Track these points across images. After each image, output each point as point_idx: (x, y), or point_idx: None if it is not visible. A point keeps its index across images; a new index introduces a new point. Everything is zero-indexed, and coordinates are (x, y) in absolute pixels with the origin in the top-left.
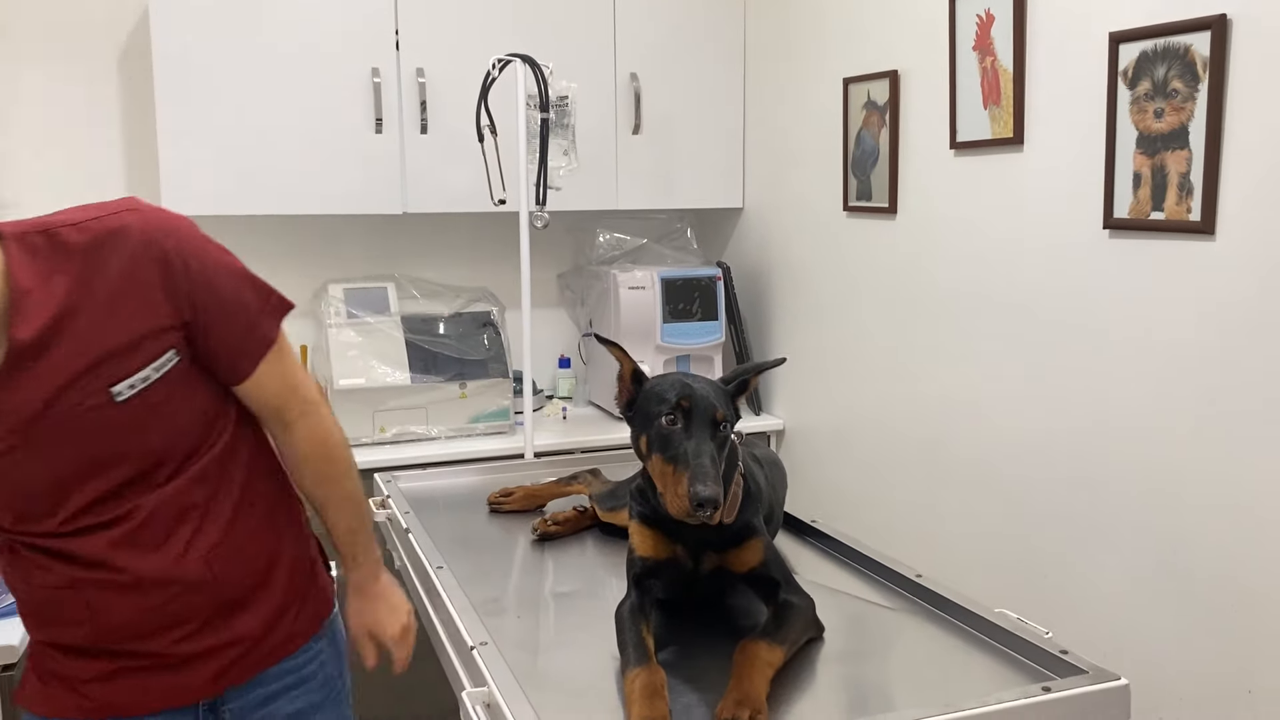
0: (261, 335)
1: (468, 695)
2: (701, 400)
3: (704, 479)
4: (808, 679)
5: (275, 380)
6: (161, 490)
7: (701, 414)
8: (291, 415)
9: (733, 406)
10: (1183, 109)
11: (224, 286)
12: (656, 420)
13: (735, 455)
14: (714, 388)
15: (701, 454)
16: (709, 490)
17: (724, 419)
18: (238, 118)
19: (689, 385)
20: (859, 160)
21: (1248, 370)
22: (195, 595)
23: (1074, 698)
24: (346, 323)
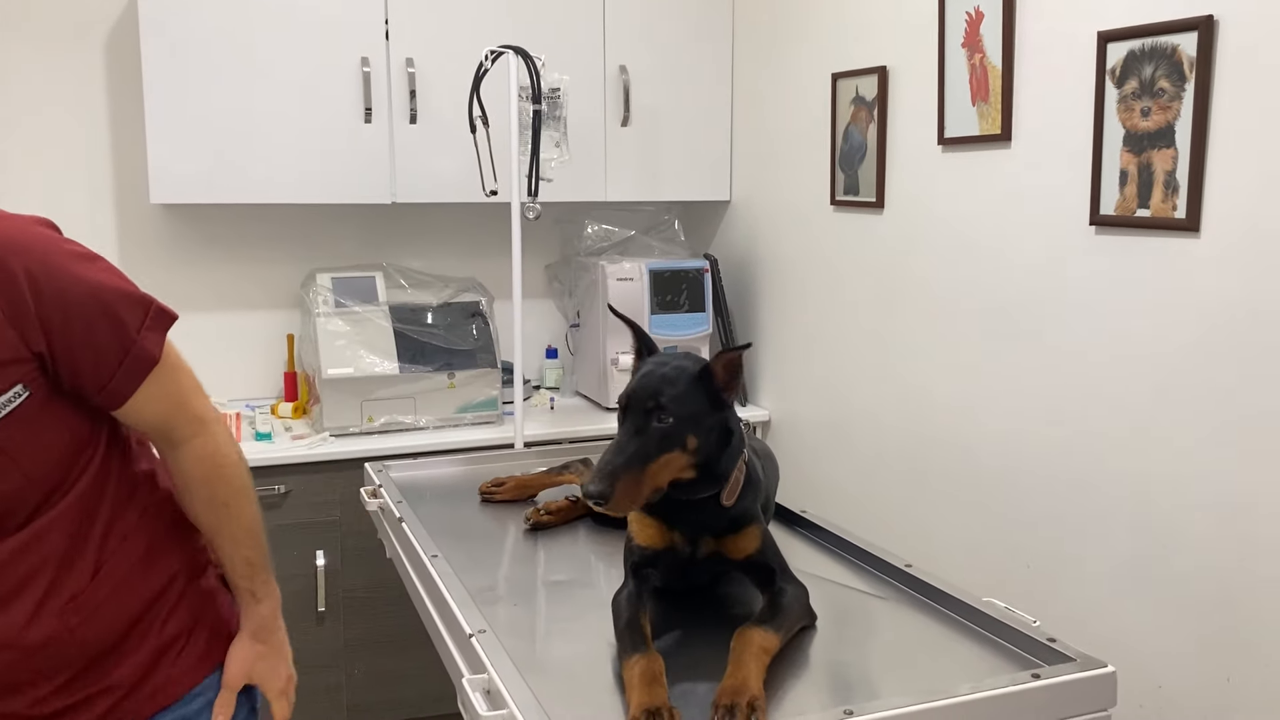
0: (141, 354)
1: (467, 681)
2: (639, 394)
3: (596, 475)
4: (802, 666)
5: (160, 401)
6: (9, 541)
7: (635, 407)
8: (180, 435)
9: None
10: (1169, 108)
11: (87, 306)
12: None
13: (740, 442)
14: (671, 377)
15: (612, 449)
16: (594, 487)
17: (657, 407)
18: (226, 106)
19: (645, 376)
20: (846, 155)
21: (1231, 367)
22: (49, 656)
23: (1062, 685)
24: (334, 312)
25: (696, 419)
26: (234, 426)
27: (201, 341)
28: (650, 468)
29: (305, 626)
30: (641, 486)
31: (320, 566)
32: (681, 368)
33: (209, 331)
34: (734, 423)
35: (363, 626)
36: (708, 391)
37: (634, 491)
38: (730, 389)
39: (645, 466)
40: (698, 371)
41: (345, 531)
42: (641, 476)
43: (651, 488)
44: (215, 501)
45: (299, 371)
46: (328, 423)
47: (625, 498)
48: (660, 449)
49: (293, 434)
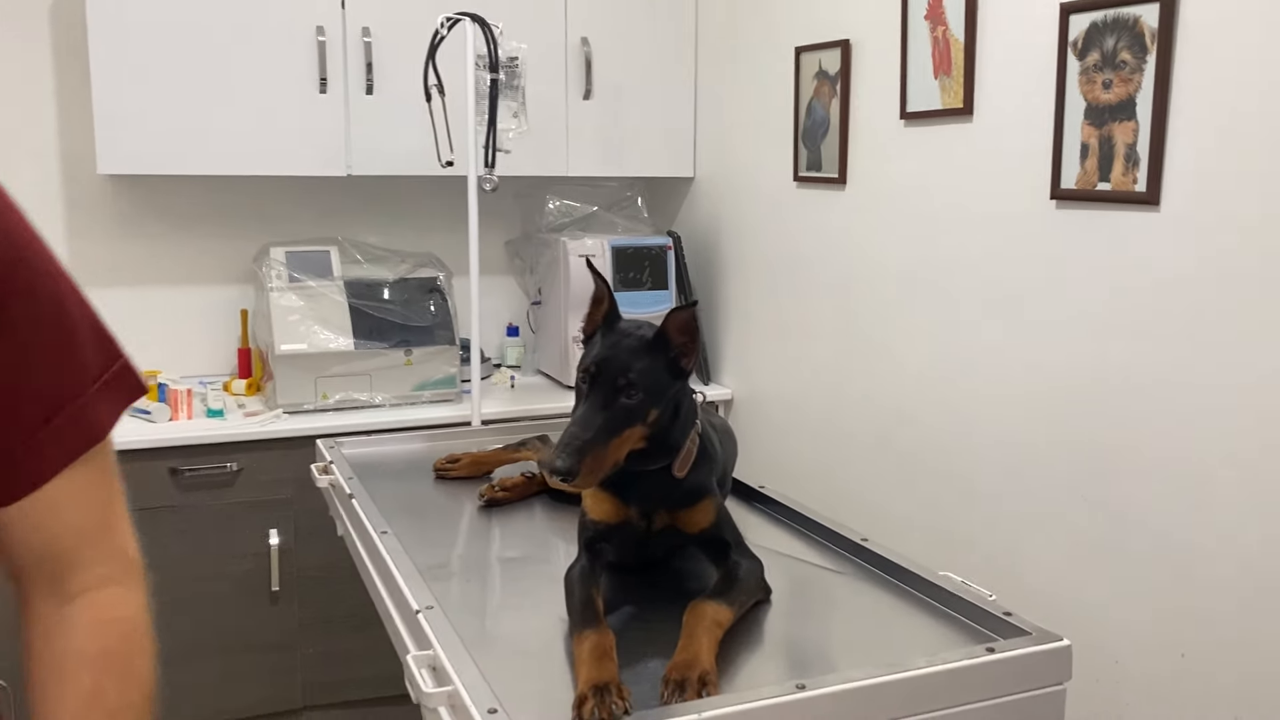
0: (86, 416)
1: (412, 659)
2: (608, 366)
3: (563, 449)
4: (755, 640)
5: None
6: None
7: (603, 381)
8: (83, 579)
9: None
10: (1131, 80)
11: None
12: (577, 373)
13: (693, 412)
14: (638, 349)
15: (578, 423)
16: (561, 463)
17: (627, 384)
18: (177, 76)
19: (612, 346)
20: (809, 130)
21: (1189, 339)
22: None
23: (1018, 658)
24: (288, 286)
25: (660, 392)
26: (185, 404)
27: (153, 317)
28: (613, 443)
29: (258, 607)
30: (605, 462)
31: (273, 545)
32: (643, 338)
33: (161, 306)
34: (686, 393)
35: (317, 606)
36: (667, 361)
37: (598, 467)
38: (687, 354)
39: (609, 442)
40: (653, 339)
41: (299, 510)
42: (605, 452)
43: (613, 462)
44: (98, 700)
45: (253, 348)
46: (281, 400)
47: (590, 473)
48: (625, 424)
49: (245, 411)
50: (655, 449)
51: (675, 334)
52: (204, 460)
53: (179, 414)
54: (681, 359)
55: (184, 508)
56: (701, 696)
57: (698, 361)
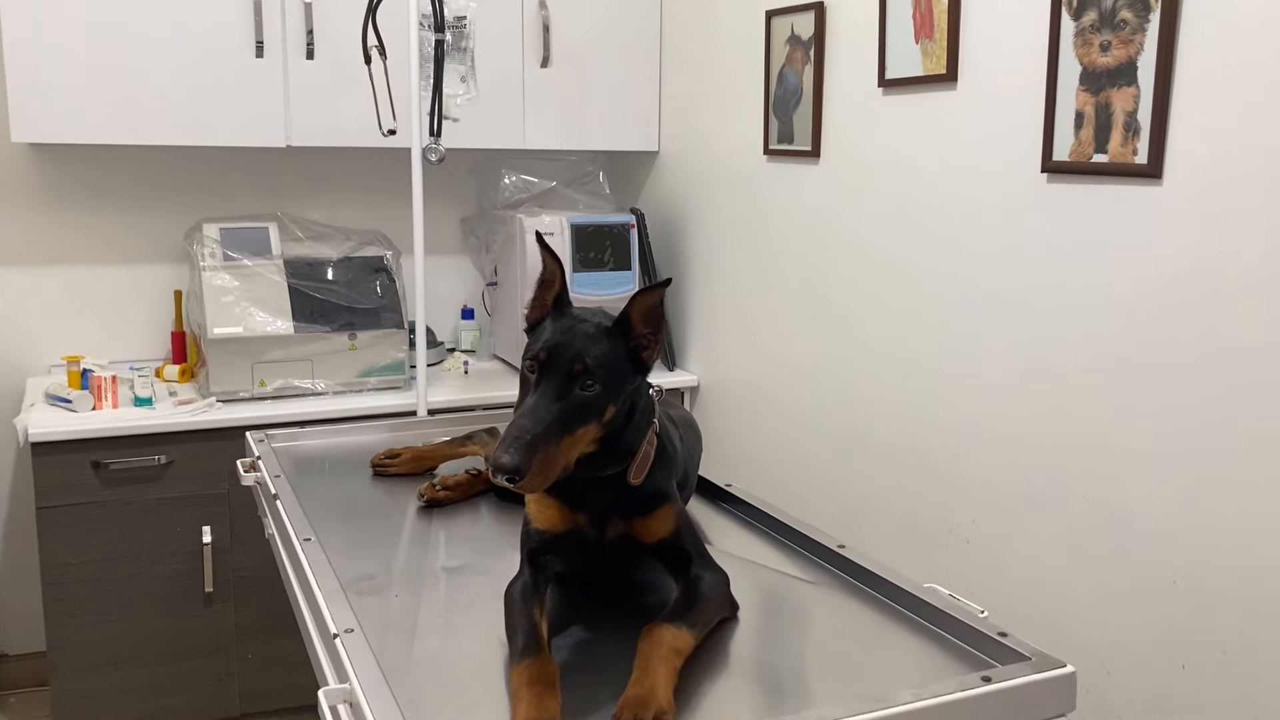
0: None
1: (324, 695)
2: (563, 353)
3: (509, 444)
4: (719, 666)
5: None
6: None
7: (557, 367)
8: None
9: (618, 357)
10: (1131, 42)
11: None
12: (524, 362)
13: (649, 412)
14: (595, 335)
15: (528, 415)
16: (508, 459)
17: (584, 371)
18: (100, 37)
19: (565, 333)
20: (781, 100)
21: (1193, 323)
22: None
23: (1017, 689)
24: (222, 265)
25: (619, 386)
26: (109, 391)
27: (79, 298)
28: (566, 441)
29: (191, 609)
30: (556, 463)
31: (207, 544)
32: (601, 325)
33: (89, 286)
34: (643, 391)
35: (255, 608)
36: (628, 352)
37: (550, 468)
38: (650, 347)
39: (562, 440)
40: (612, 327)
41: (234, 506)
42: (558, 451)
43: (563, 466)
44: None
45: (187, 331)
46: (215, 387)
47: (540, 474)
48: (580, 420)
49: (177, 399)
50: (606, 454)
51: (639, 322)
52: (130, 452)
53: (102, 403)
54: (643, 351)
55: (108, 504)
56: None
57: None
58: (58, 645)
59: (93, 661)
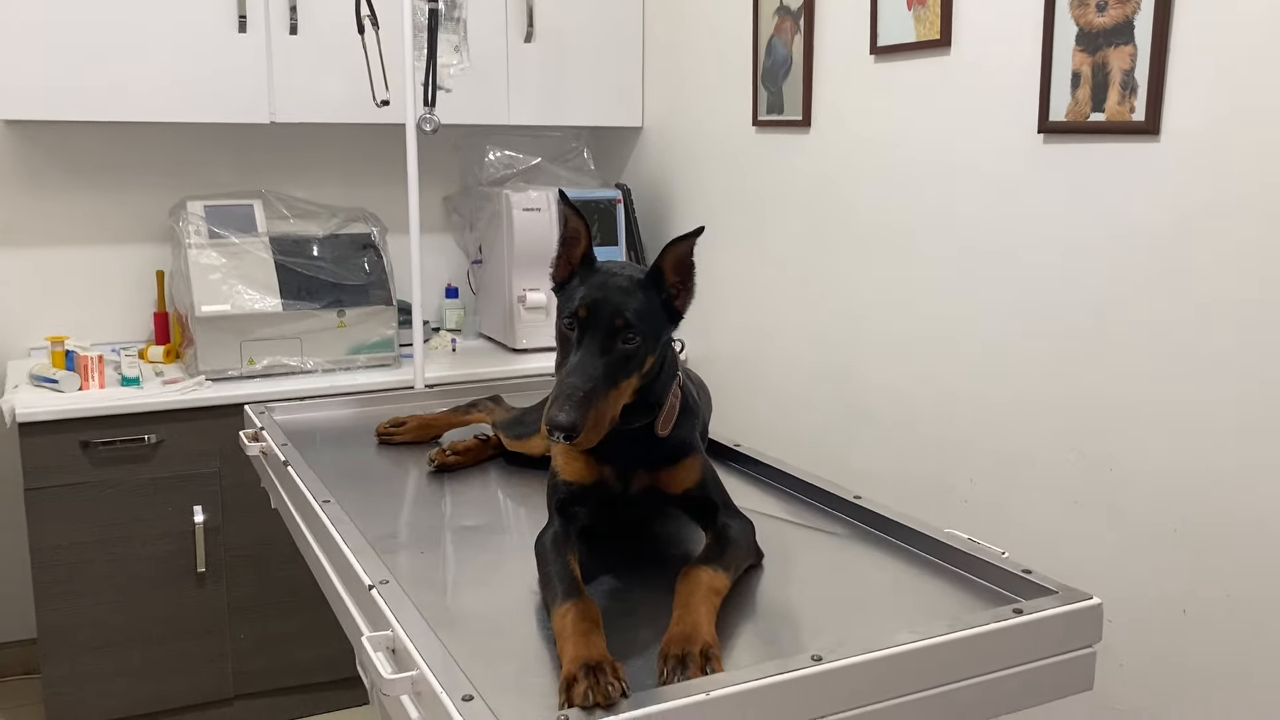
0: None
1: (368, 640)
2: (604, 307)
3: (564, 401)
4: (751, 609)
5: None
6: None
7: (598, 323)
8: None
9: (651, 311)
10: (1128, 1)
11: None
12: (561, 320)
13: (674, 365)
14: (635, 292)
15: (577, 371)
16: (564, 417)
17: (625, 325)
18: (79, 11)
19: (601, 288)
20: (770, 71)
21: (1192, 281)
22: None
23: (1048, 619)
24: (208, 243)
25: (658, 336)
26: (96, 371)
27: (60, 279)
28: (613, 395)
29: (183, 589)
30: (605, 417)
31: (198, 524)
32: (635, 278)
33: (68, 267)
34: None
35: (248, 587)
36: (659, 300)
37: (601, 423)
38: (684, 295)
39: (609, 393)
40: (646, 278)
41: (225, 484)
42: (606, 405)
43: (611, 419)
44: None
45: (171, 311)
46: (203, 366)
47: (594, 430)
48: (626, 372)
49: (164, 379)
50: (640, 404)
51: (670, 271)
52: (119, 432)
53: (89, 383)
54: (676, 299)
55: (98, 484)
56: (706, 673)
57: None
58: (49, 629)
59: (85, 645)
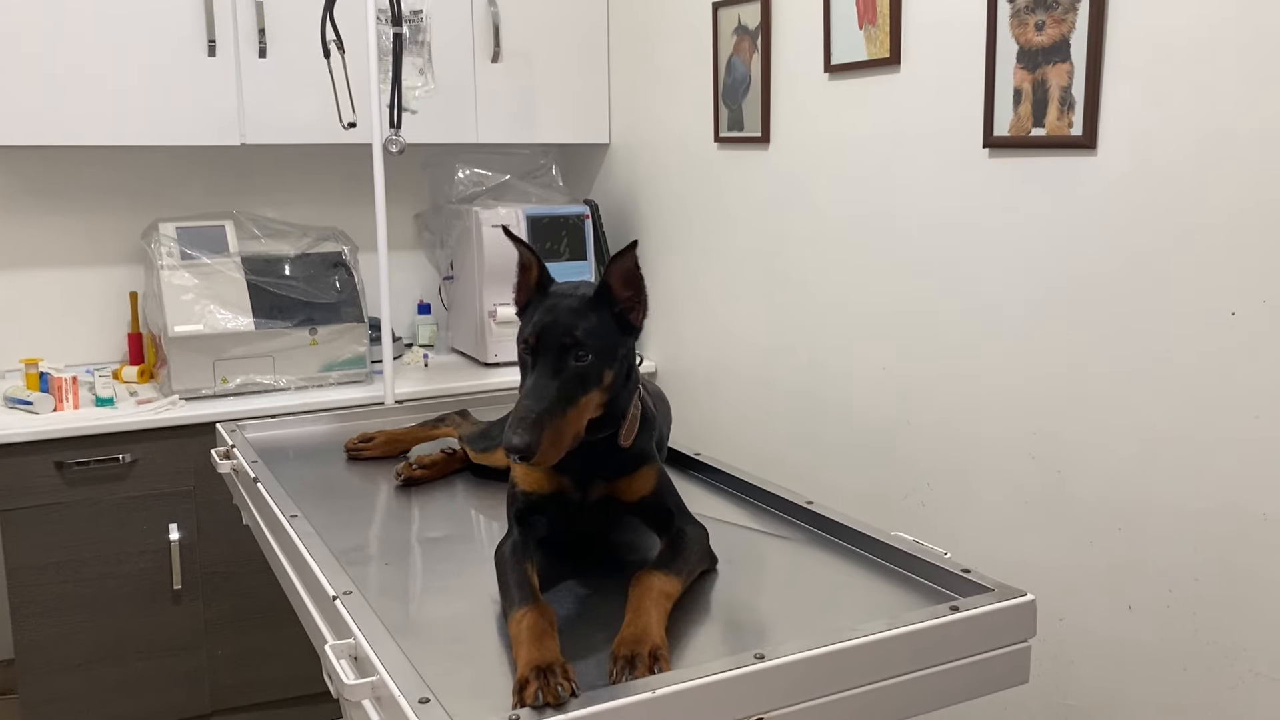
0: None
1: (330, 649)
2: (552, 331)
3: (516, 425)
4: (704, 611)
5: None
6: None
7: (549, 345)
8: None
9: (604, 328)
10: (1064, 21)
11: None
12: (519, 345)
13: (635, 378)
14: (580, 309)
15: (530, 395)
16: (518, 439)
17: (574, 344)
18: (50, 37)
19: (550, 312)
20: (730, 89)
21: (1131, 286)
22: None
23: (983, 616)
24: (180, 264)
25: (612, 351)
26: (70, 392)
27: (32, 302)
28: (571, 413)
29: (160, 607)
30: (565, 434)
31: (174, 541)
32: (585, 297)
33: (42, 290)
34: (631, 355)
35: (225, 604)
36: (614, 316)
37: (559, 441)
38: (635, 308)
39: (567, 412)
40: (595, 295)
41: (200, 502)
42: (564, 423)
43: (573, 435)
44: None
45: (144, 332)
46: (176, 385)
47: (551, 448)
48: (582, 389)
49: (138, 399)
50: (605, 417)
51: (619, 286)
52: (93, 452)
53: (64, 404)
54: (629, 314)
55: (73, 504)
56: (654, 672)
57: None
58: (25, 649)
59: (62, 664)
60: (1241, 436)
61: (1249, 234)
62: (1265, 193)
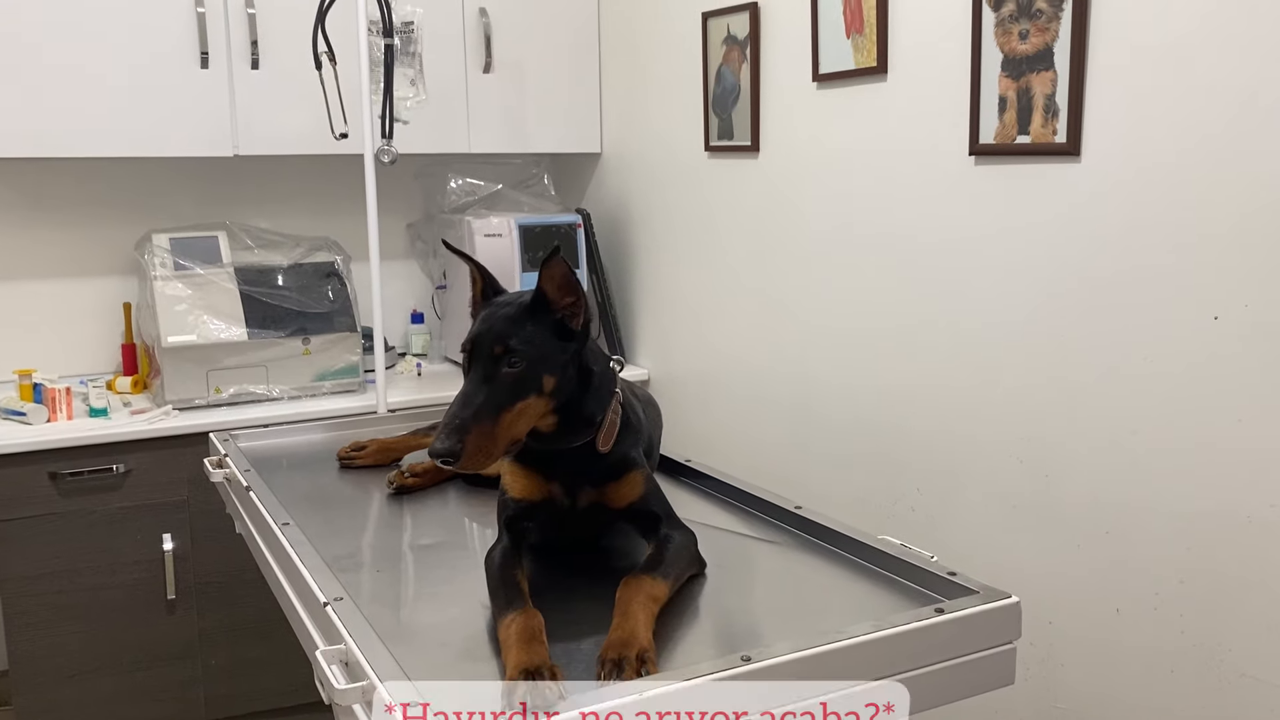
0: None
1: (321, 654)
2: (483, 339)
3: (443, 431)
4: (692, 614)
5: None
6: None
7: (481, 354)
8: None
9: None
10: (1047, 29)
11: None
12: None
13: (611, 381)
14: (515, 316)
15: (458, 402)
16: (440, 444)
17: (506, 351)
18: (45, 49)
19: (486, 319)
20: (720, 98)
21: (1114, 290)
22: None
23: (968, 617)
24: (174, 275)
25: (548, 357)
26: (64, 403)
27: (26, 313)
28: (504, 418)
29: (154, 617)
30: (495, 440)
31: (168, 551)
32: (521, 304)
33: (36, 301)
34: (593, 360)
35: (218, 614)
36: (551, 323)
37: (487, 446)
38: (573, 311)
39: (498, 417)
40: (530, 303)
41: (194, 512)
42: (494, 429)
43: (508, 440)
44: None
45: (138, 343)
46: (170, 395)
47: (478, 454)
48: (514, 396)
49: (132, 409)
50: (570, 424)
51: (554, 293)
52: (88, 462)
53: (57, 415)
54: (570, 320)
55: (67, 514)
56: (641, 675)
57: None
58: (20, 660)
59: (57, 675)
60: (1226, 440)
61: (1231, 239)
62: (1247, 198)
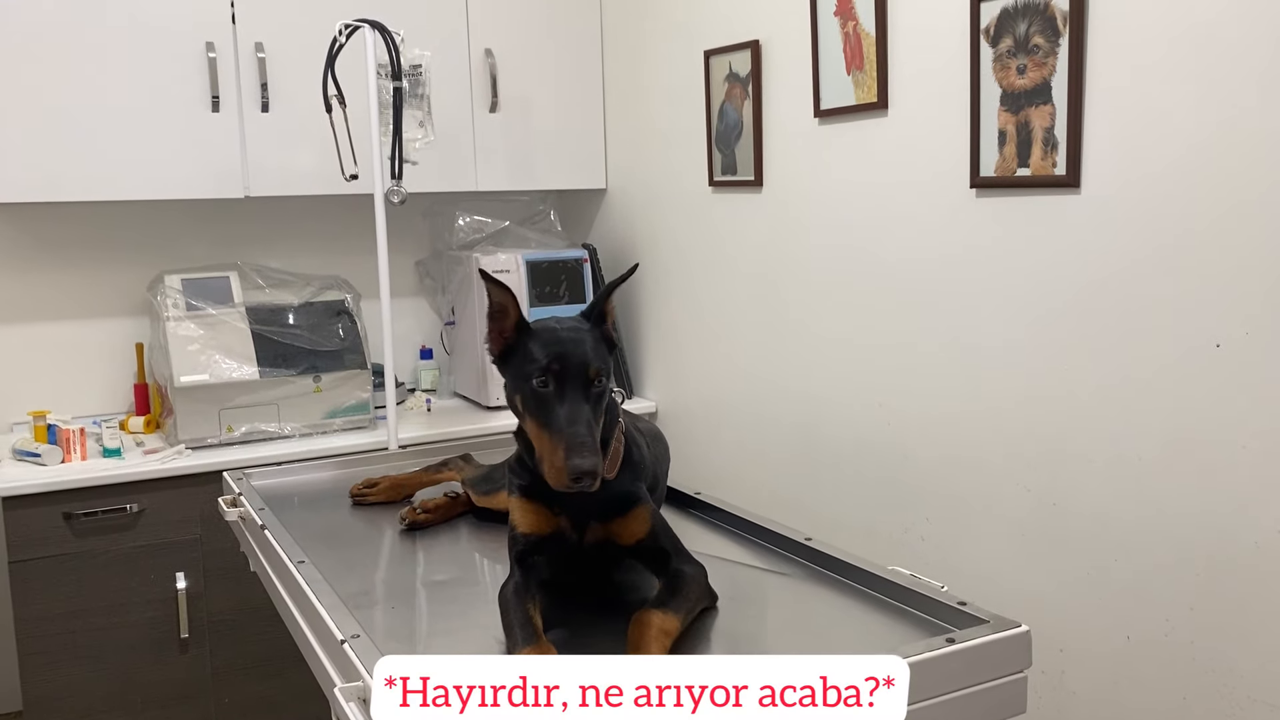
0: None
1: (340, 691)
2: (573, 359)
3: (580, 450)
4: (704, 647)
5: None
6: None
7: (574, 374)
8: None
9: (607, 353)
10: (1045, 64)
11: None
12: (528, 382)
13: (615, 410)
14: (589, 339)
15: (576, 420)
16: (587, 462)
17: (598, 374)
18: (59, 95)
19: (561, 343)
20: (723, 134)
21: (1117, 320)
22: None
23: (978, 647)
24: (186, 315)
25: (611, 374)
26: (78, 444)
27: (40, 355)
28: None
29: (167, 655)
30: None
31: (181, 589)
32: (581, 327)
33: (48, 343)
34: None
35: (231, 652)
36: (604, 338)
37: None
38: (611, 340)
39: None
40: (593, 322)
41: (207, 551)
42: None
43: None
44: None
45: (150, 382)
46: (183, 434)
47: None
48: (600, 414)
49: (145, 449)
50: None
51: (610, 310)
52: (101, 502)
53: (71, 455)
54: (612, 333)
55: (81, 554)
56: None
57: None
58: (34, 700)
59: (70, 714)
60: (1232, 466)
61: (1230, 267)
62: (1244, 227)
